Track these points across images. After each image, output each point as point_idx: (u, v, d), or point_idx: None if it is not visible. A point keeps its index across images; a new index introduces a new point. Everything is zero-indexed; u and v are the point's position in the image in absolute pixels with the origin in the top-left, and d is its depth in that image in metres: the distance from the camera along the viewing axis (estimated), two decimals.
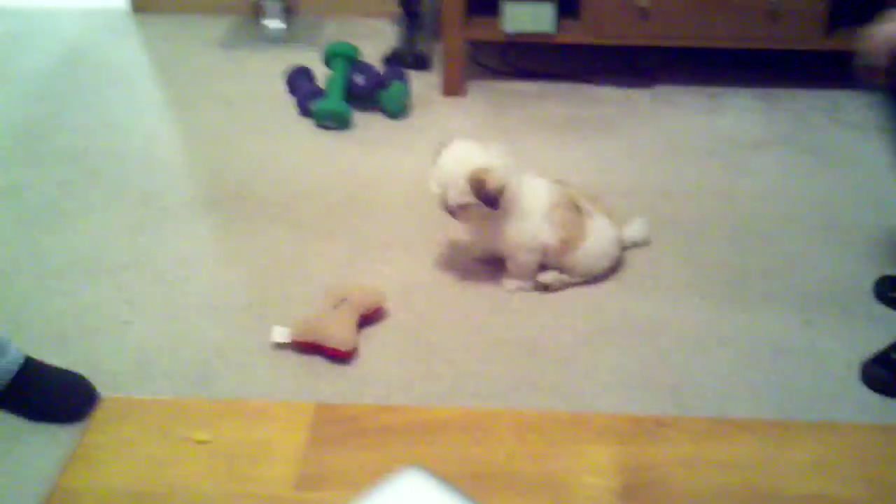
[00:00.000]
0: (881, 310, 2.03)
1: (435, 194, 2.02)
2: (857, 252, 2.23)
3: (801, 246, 2.26)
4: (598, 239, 2.09)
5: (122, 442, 1.01)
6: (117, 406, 1.06)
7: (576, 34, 2.94)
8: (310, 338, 1.87)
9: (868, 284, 2.10)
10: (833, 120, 2.87)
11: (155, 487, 0.96)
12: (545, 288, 2.09)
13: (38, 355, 1.77)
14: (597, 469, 0.99)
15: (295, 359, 1.88)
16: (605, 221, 2.12)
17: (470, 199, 1.97)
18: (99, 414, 1.05)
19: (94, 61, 3.32)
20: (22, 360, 1.72)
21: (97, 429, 1.03)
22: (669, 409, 1.75)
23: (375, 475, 0.89)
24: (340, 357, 1.86)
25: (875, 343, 1.89)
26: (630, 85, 3.10)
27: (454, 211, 2.02)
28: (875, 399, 1.78)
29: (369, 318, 1.97)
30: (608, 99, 3.02)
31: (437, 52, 3.21)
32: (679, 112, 2.93)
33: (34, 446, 1.65)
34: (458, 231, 2.18)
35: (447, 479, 0.88)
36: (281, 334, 1.90)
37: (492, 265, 2.14)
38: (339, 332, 1.87)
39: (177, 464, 0.98)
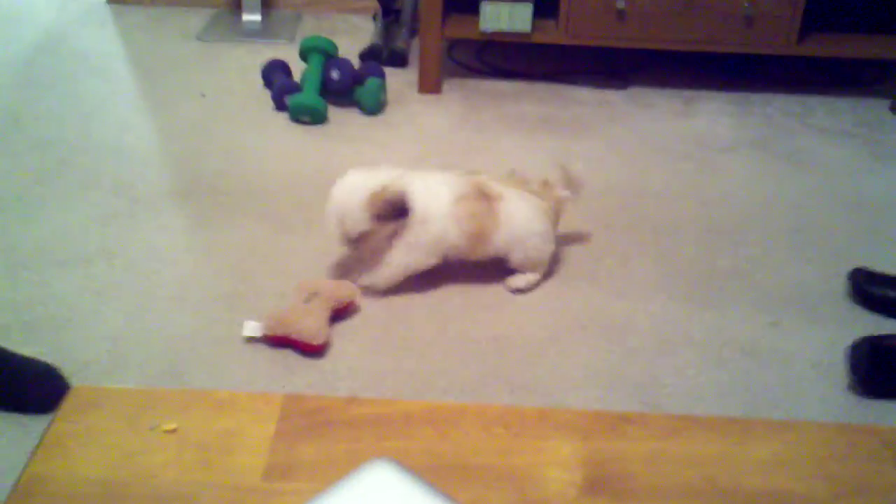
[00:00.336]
0: (848, 312, 2.06)
1: (333, 231, 2.00)
2: (825, 254, 2.26)
3: (770, 247, 2.29)
4: (516, 221, 2.04)
5: (91, 430, 1.01)
6: (86, 395, 1.06)
7: (553, 34, 2.96)
8: (281, 331, 1.88)
9: (836, 286, 2.13)
10: (804, 124, 2.91)
11: (124, 476, 0.96)
12: (519, 291, 2.10)
13: (7, 345, 1.77)
14: (560, 463, 1.00)
15: (267, 352, 1.88)
16: (523, 200, 2.06)
17: (367, 225, 1.96)
18: (68, 402, 1.04)
19: (70, 51, 3.31)
20: None
21: (66, 417, 1.02)
22: (636, 406, 1.78)
23: (344, 466, 0.90)
24: (312, 351, 1.87)
25: (841, 344, 1.91)
26: (605, 86, 3.12)
27: (355, 241, 2.00)
28: (840, 399, 1.81)
29: (341, 312, 1.98)
30: (583, 99, 3.04)
31: (414, 49, 3.22)
32: (653, 113, 2.96)
33: (4, 437, 1.65)
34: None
35: (415, 471, 0.89)
36: (252, 329, 1.90)
37: (464, 263, 2.15)
38: (310, 325, 1.87)
39: (146, 453, 0.98)
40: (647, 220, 2.39)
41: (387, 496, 0.87)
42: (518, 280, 2.10)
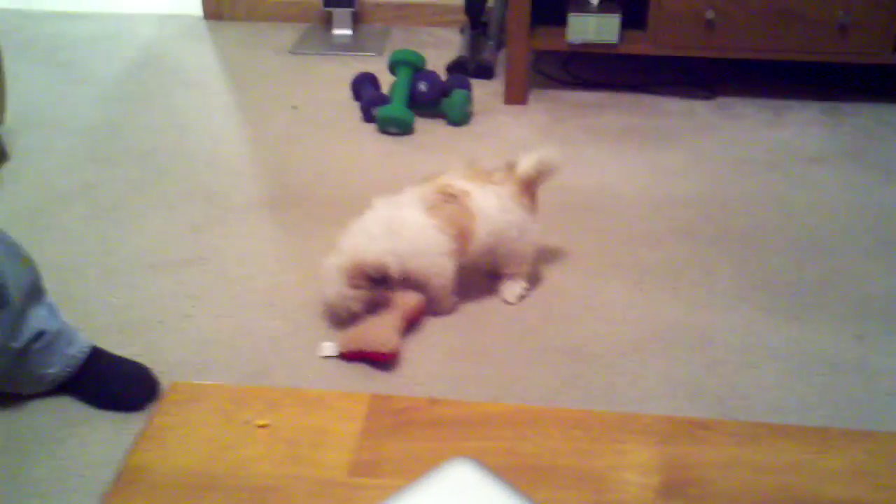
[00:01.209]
0: None
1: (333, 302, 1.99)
2: None
3: (858, 260, 2.25)
4: (489, 212, 2.00)
5: (188, 424, 1.06)
6: (185, 390, 1.12)
7: (640, 45, 2.96)
8: (353, 347, 1.91)
9: None
10: None
11: (219, 467, 1.01)
12: (515, 300, 2.10)
13: (103, 345, 1.84)
14: (638, 466, 1.01)
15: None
16: (488, 193, 2.01)
17: (355, 302, 1.96)
18: (168, 397, 1.10)
19: (168, 65, 3.43)
20: (89, 349, 1.79)
21: (165, 411, 1.08)
22: (716, 418, 1.77)
23: (426, 464, 0.93)
24: (384, 360, 1.90)
25: None
26: (692, 96, 3.10)
27: (355, 313, 1.97)
28: None
29: (413, 320, 2.00)
30: (669, 110, 3.02)
31: (500, 61, 3.25)
32: (741, 124, 2.93)
33: (98, 432, 1.72)
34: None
35: (494, 470, 0.92)
36: (329, 349, 1.94)
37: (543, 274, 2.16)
38: (379, 335, 1.90)
39: (239, 446, 1.03)
40: (732, 231, 2.37)
41: (466, 494, 0.89)
42: (511, 291, 2.10)
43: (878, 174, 2.64)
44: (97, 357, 1.80)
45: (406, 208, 2.00)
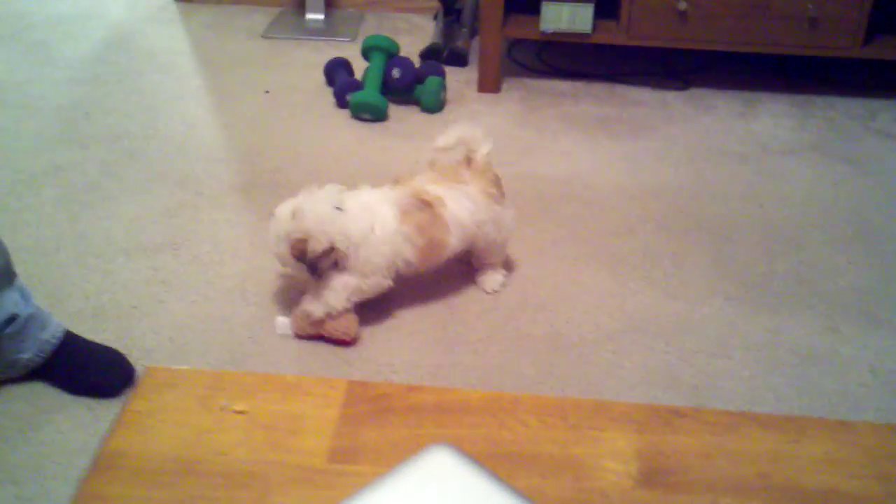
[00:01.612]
0: None
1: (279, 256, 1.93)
2: (887, 260, 2.24)
3: (830, 253, 2.27)
4: (463, 220, 1.97)
5: (165, 409, 1.06)
6: (162, 376, 1.11)
7: (613, 35, 2.97)
8: (313, 331, 1.92)
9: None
10: (867, 128, 2.87)
11: (197, 453, 1.00)
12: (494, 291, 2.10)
13: (75, 331, 1.83)
14: (616, 454, 1.01)
15: (324, 346, 1.92)
16: (462, 196, 1.98)
17: (293, 264, 1.90)
18: (144, 382, 1.09)
19: (138, 47, 3.39)
20: (63, 334, 1.78)
21: (142, 396, 1.07)
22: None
23: (405, 451, 0.93)
24: (345, 345, 1.92)
25: None
26: (665, 87, 3.11)
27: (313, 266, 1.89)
28: None
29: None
30: (642, 100, 3.04)
31: (474, 49, 3.25)
32: (713, 115, 2.95)
33: (73, 418, 1.71)
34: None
35: (474, 457, 0.92)
36: (282, 326, 1.94)
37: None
38: (339, 323, 1.91)
39: (217, 432, 1.03)
40: (705, 222, 2.38)
41: (446, 480, 0.89)
42: (491, 281, 2.10)
43: (848, 167, 2.66)
44: (71, 342, 1.78)
45: (374, 202, 1.94)
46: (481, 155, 2.03)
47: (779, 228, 2.36)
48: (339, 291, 1.91)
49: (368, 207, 1.92)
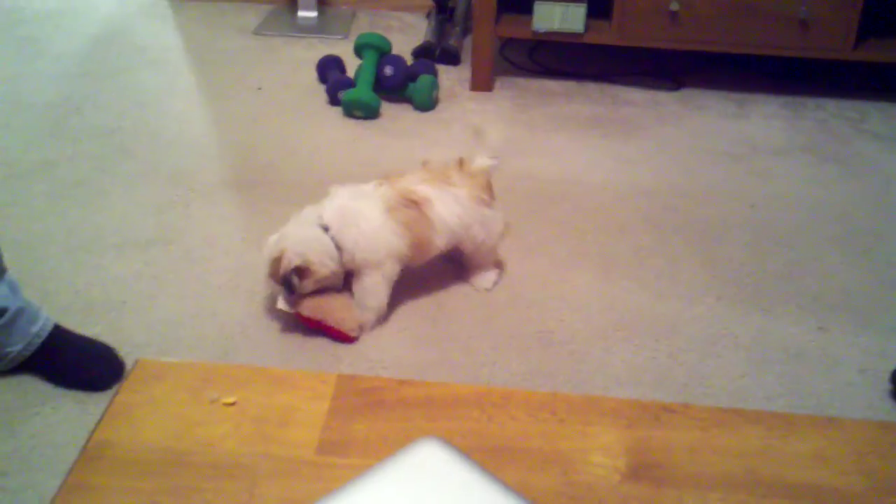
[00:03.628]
0: None
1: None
2: (875, 261, 2.25)
3: (820, 253, 2.28)
4: (450, 220, 1.97)
5: (154, 401, 1.05)
6: (151, 368, 1.10)
7: (605, 35, 2.97)
8: (319, 316, 1.91)
9: (885, 293, 2.12)
10: (858, 129, 2.89)
11: (186, 444, 1.00)
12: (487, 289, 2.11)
13: (67, 325, 1.82)
14: (604, 449, 1.02)
15: (314, 341, 1.92)
16: (449, 197, 1.98)
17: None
18: (133, 374, 1.09)
19: (129, 42, 3.38)
20: (52, 327, 1.77)
21: (131, 388, 1.07)
22: None
23: (394, 444, 0.93)
24: (346, 341, 1.91)
25: (891, 352, 1.91)
26: (657, 87, 3.12)
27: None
28: (886, 406, 1.80)
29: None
30: (634, 100, 3.04)
31: (466, 48, 3.25)
32: (705, 115, 2.96)
33: (62, 412, 1.70)
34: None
35: (463, 451, 0.92)
36: (285, 303, 1.94)
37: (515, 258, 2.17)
38: (351, 318, 1.91)
39: (206, 424, 1.02)
40: (696, 222, 2.39)
41: (435, 474, 0.89)
42: (484, 280, 2.11)
43: (838, 168, 2.67)
44: (60, 335, 1.78)
45: (364, 201, 1.95)
46: (478, 162, 2.04)
47: (769, 228, 2.37)
48: (371, 290, 1.95)
49: (350, 210, 1.94)
